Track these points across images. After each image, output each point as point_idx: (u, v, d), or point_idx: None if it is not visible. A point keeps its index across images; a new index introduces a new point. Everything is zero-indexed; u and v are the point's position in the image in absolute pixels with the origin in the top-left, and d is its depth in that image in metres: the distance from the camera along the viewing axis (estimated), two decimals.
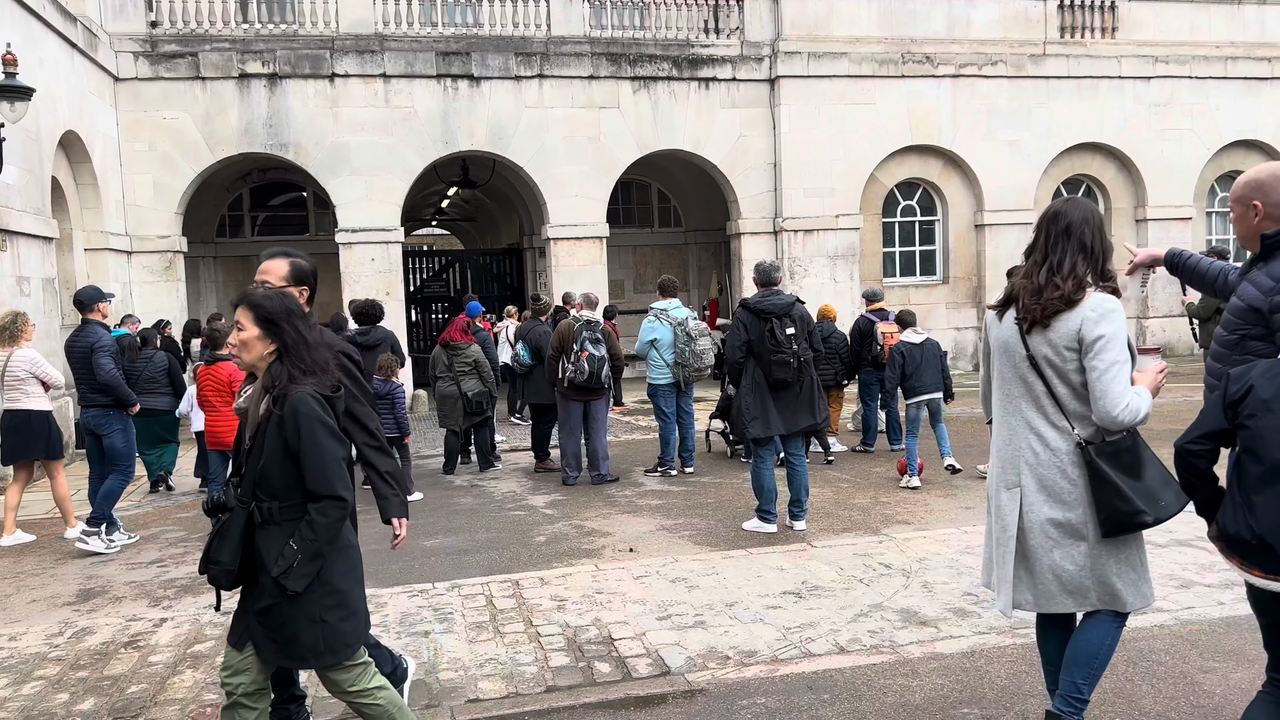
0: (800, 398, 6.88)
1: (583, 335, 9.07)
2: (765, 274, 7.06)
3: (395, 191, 16.18)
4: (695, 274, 21.50)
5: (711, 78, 17.14)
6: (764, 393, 6.83)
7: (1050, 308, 3.16)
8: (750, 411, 6.86)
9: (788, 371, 6.71)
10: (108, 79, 14.77)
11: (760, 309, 6.84)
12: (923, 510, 7.56)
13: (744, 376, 6.91)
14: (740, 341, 6.86)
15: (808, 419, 6.96)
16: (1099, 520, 3.14)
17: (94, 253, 14.12)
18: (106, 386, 7.53)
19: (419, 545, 7.10)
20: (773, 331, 6.73)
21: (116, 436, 7.61)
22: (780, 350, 6.70)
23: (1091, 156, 18.98)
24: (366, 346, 9.86)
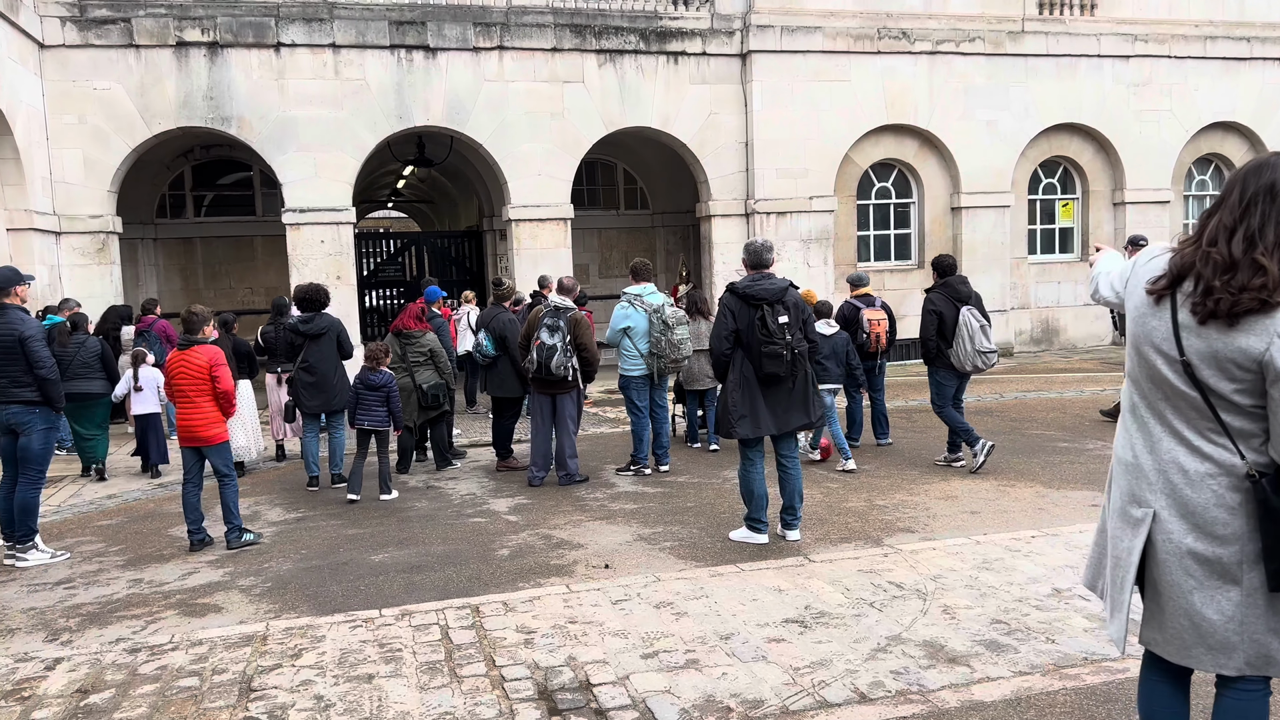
0: (794, 393, 6.19)
1: (542, 322, 8.30)
2: (756, 254, 6.29)
3: (346, 169, 15.23)
4: (663, 258, 20.76)
5: (681, 51, 16.37)
6: (753, 388, 6.11)
7: (1243, 304, 2.36)
8: (737, 409, 6.13)
9: (780, 365, 6.00)
10: (32, 45, 13.66)
11: (749, 294, 6.10)
12: (924, 516, 6.91)
13: (731, 370, 6.19)
14: (727, 331, 6.12)
15: (801, 417, 6.26)
16: (1268, 570, 2.43)
17: (18, 233, 13.06)
18: (44, 381, 6.67)
19: (366, 561, 6.31)
20: (763, 320, 6.01)
21: (37, 437, 6.75)
22: (772, 341, 5.98)
23: (1070, 137, 18.49)
24: (310, 335, 9.06)
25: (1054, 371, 15.84)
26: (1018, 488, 7.71)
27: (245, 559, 6.50)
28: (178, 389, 6.89)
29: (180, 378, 6.89)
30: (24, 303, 6.96)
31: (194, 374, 6.88)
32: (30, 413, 6.71)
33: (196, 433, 6.90)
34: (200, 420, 6.90)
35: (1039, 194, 18.79)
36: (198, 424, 6.90)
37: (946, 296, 8.49)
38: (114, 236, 14.77)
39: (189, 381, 6.88)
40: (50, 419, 6.85)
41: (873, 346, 9.44)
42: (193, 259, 18.69)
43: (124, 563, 6.58)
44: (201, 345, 6.96)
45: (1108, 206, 18.91)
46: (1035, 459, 8.86)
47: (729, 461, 9.33)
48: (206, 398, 6.89)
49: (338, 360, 9.13)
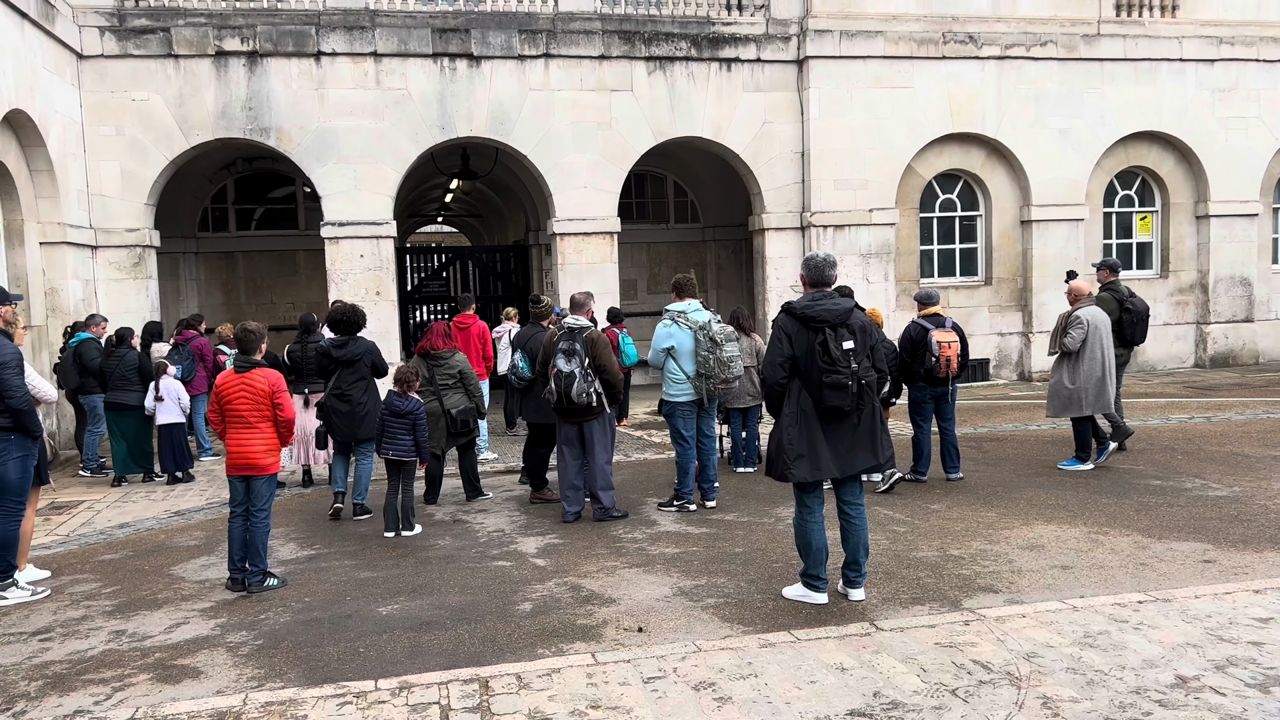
0: (859, 430, 5.36)
1: (557, 347, 7.59)
2: (818, 270, 5.43)
3: (387, 181, 14.74)
4: (715, 273, 19.98)
5: (734, 58, 15.63)
6: (812, 424, 5.28)
7: None
8: (794, 448, 5.28)
9: (844, 397, 5.20)
10: (69, 55, 13.38)
11: (809, 316, 5.28)
12: (1007, 571, 6.04)
13: (786, 403, 5.36)
14: (783, 357, 5.31)
15: (868, 458, 5.42)
16: None
17: (51, 247, 12.74)
18: (17, 413, 6.17)
19: (372, 614, 5.63)
20: (825, 345, 5.20)
21: (13, 465, 6.23)
22: (835, 369, 5.18)
23: (1149, 146, 17.36)
24: (344, 361, 8.47)
25: (1134, 396, 14.73)
26: (1112, 536, 6.79)
27: (240, 608, 5.86)
28: (236, 414, 6.28)
29: (240, 401, 6.28)
30: (7, 325, 6.46)
31: (256, 398, 6.30)
32: (4, 440, 6.20)
33: (255, 460, 6.34)
34: (261, 447, 6.34)
35: (1115, 206, 17.68)
36: (257, 451, 6.33)
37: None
38: (151, 250, 14.43)
39: (249, 406, 6.29)
40: (26, 446, 6.33)
41: (943, 371, 8.57)
42: (234, 273, 18.37)
43: (112, 609, 5.98)
44: (261, 368, 6.38)
45: (1190, 220, 17.73)
46: (1126, 500, 7.91)
47: (780, 496, 8.52)
48: (268, 423, 6.34)
49: (371, 387, 8.62)
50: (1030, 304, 16.78)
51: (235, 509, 6.37)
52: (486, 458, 11.20)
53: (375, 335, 13.35)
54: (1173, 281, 17.76)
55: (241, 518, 6.34)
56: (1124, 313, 9.89)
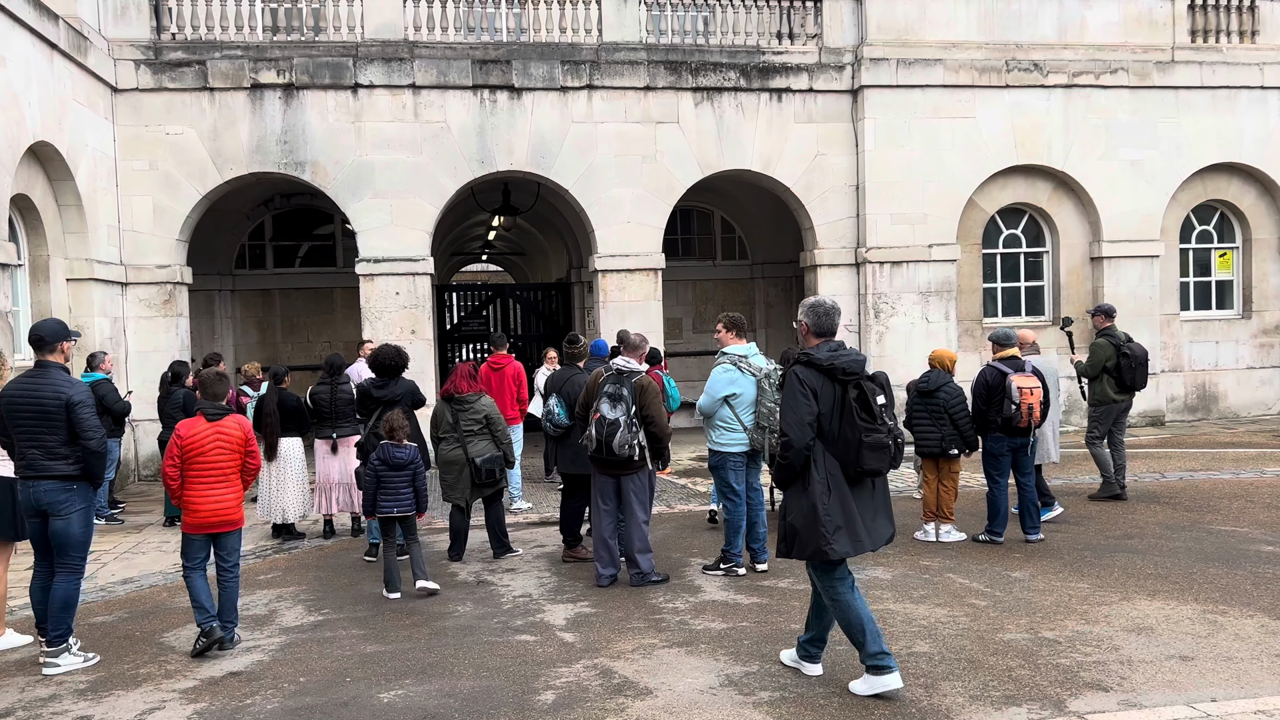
0: (877, 496, 4.85)
1: (602, 390, 6.87)
2: (827, 317, 4.91)
3: (424, 217, 14.23)
4: (763, 311, 19.19)
5: (785, 88, 14.96)
6: (842, 490, 4.69)
7: None
8: (833, 519, 4.64)
9: (884, 459, 4.67)
10: (103, 89, 13.10)
11: (836, 368, 4.70)
12: (1115, 660, 5.12)
13: (814, 468, 4.67)
14: (812, 416, 4.67)
15: (888, 526, 4.91)
16: None
17: (78, 283, 12.35)
18: (91, 454, 5.64)
19: (371, 702, 4.88)
20: (863, 400, 4.67)
21: (76, 519, 5.67)
22: (875, 428, 4.64)
23: (1228, 179, 16.33)
24: (386, 401, 7.96)
25: (1218, 446, 13.62)
26: (1232, 616, 5.84)
27: (225, 689, 5.15)
28: (210, 465, 5.71)
29: (217, 451, 5.72)
30: (67, 360, 5.94)
31: (233, 447, 5.79)
32: (67, 490, 5.63)
33: (229, 515, 5.83)
34: (234, 499, 5.84)
35: (1192, 242, 16.63)
36: (231, 504, 5.83)
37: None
38: (182, 287, 14.04)
39: (226, 457, 5.75)
40: (88, 497, 5.81)
41: (1024, 421, 7.69)
42: (270, 311, 17.99)
43: (86, 686, 5.31)
44: (232, 415, 5.84)
45: (1274, 256, 16.61)
46: (1239, 570, 6.93)
47: None
48: (237, 474, 5.84)
49: (415, 425, 8.00)
50: None
51: (191, 565, 5.82)
52: (520, 508, 10.48)
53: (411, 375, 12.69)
54: (1256, 322, 16.61)
55: (201, 573, 5.83)
56: (1121, 358, 9.61)
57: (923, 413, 8.21)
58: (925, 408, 8.19)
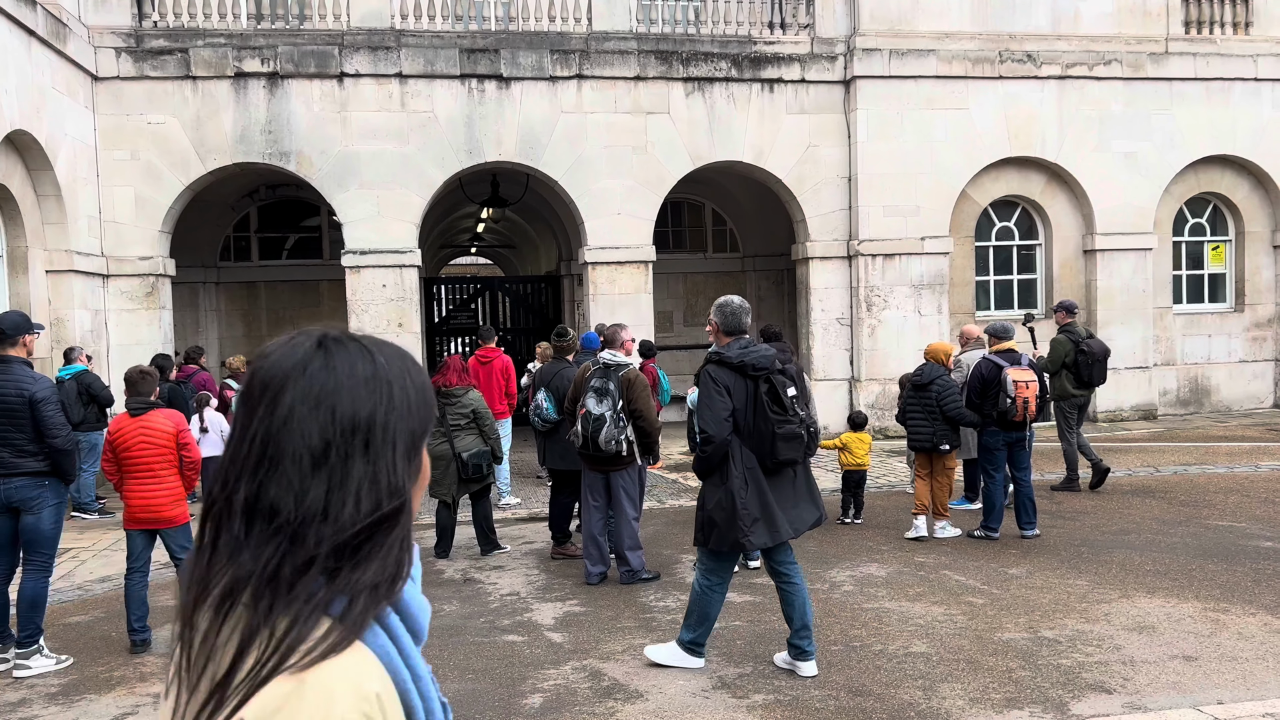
0: (798, 484, 5.02)
1: (589, 385, 6.73)
2: (735, 316, 5.06)
3: (411, 208, 14.03)
4: (755, 305, 18.85)
5: (776, 79, 14.80)
6: (761, 482, 4.85)
7: None
8: (750, 511, 4.78)
9: (798, 448, 4.88)
10: (83, 77, 12.85)
11: (747, 364, 4.89)
12: (1117, 661, 5.00)
13: (731, 463, 4.83)
14: (728, 411, 4.84)
15: (812, 512, 5.04)
16: None
17: (57, 275, 12.10)
18: (58, 452, 5.48)
19: None
20: (774, 394, 4.85)
21: (48, 515, 5.52)
22: (787, 419, 4.83)
23: (1221, 172, 16.24)
24: None
25: (1212, 440, 13.55)
26: (1234, 614, 5.73)
27: None
28: (137, 461, 5.60)
29: (141, 448, 5.58)
30: (30, 354, 5.74)
31: (158, 443, 5.61)
32: (39, 486, 5.48)
33: (160, 512, 5.68)
34: (166, 497, 5.69)
35: (1185, 235, 16.54)
36: (162, 502, 5.66)
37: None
38: (165, 280, 13.81)
39: (152, 452, 5.62)
40: (61, 493, 5.65)
41: (1019, 415, 7.57)
42: (256, 304, 17.75)
43: (59, 689, 5.14)
44: (161, 409, 5.68)
45: (1267, 250, 16.53)
46: (1239, 567, 6.83)
47: (833, 555, 7.54)
48: (171, 471, 5.67)
49: None
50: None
51: (135, 565, 5.70)
52: (508, 503, 10.31)
53: None
54: (1249, 315, 16.55)
55: (141, 574, 5.70)
56: (1079, 354, 9.73)
57: (916, 407, 8.08)
58: (919, 401, 8.06)
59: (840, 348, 15.14)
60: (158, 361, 11.70)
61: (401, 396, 1.09)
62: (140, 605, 5.72)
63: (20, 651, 5.43)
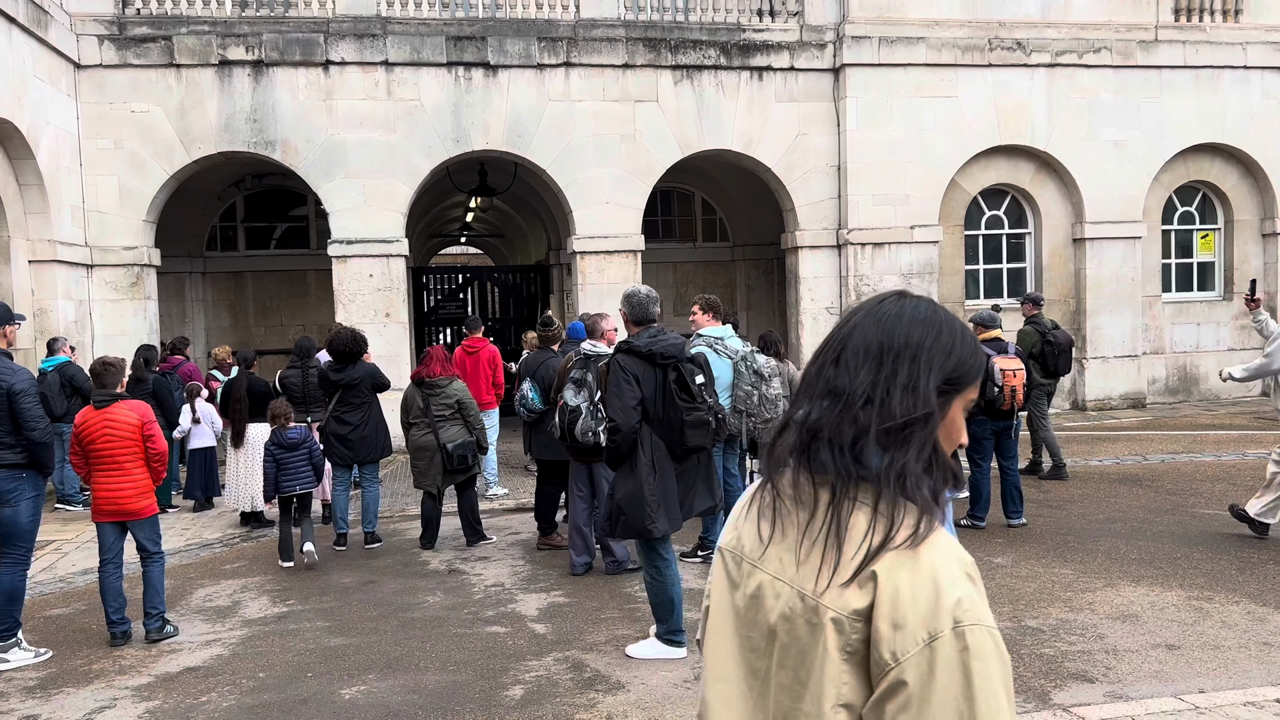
0: (698, 471, 5.13)
1: (568, 376, 6.70)
2: (642, 307, 5.14)
3: (398, 197, 13.94)
4: (745, 294, 19.01)
5: (765, 67, 14.73)
6: (665, 469, 4.95)
7: None
8: (655, 498, 4.87)
9: (706, 435, 4.97)
10: (65, 65, 12.73)
11: (656, 353, 4.95)
12: (1100, 650, 4.99)
13: (640, 450, 4.90)
14: (636, 400, 4.89)
15: (707, 499, 5.19)
16: None
17: (40, 265, 12.02)
18: (35, 445, 5.46)
19: (333, 698, 4.69)
20: (682, 382, 4.94)
21: (26, 507, 5.49)
22: (695, 406, 4.93)
23: (1210, 160, 16.24)
24: (344, 385, 7.97)
25: (1200, 428, 13.57)
26: (1218, 603, 5.72)
27: (180, 688, 4.95)
28: (102, 454, 5.56)
29: (105, 440, 5.53)
30: (10, 346, 5.68)
31: (123, 435, 5.57)
32: (16, 478, 5.45)
33: (125, 505, 5.66)
34: (130, 490, 5.66)
35: (1174, 224, 16.54)
36: (127, 494, 5.63)
37: None
38: (150, 270, 13.71)
39: (117, 445, 5.58)
40: (39, 485, 5.62)
41: (1007, 404, 7.56)
42: (243, 294, 17.64)
43: (37, 683, 5.10)
44: (125, 401, 5.64)
45: (1255, 239, 16.54)
46: (1223, 555, 6.83)
47: None
48: (137, 463, 5.65)
49: (373, 409, 8.20)
50: (1084, 327, 15.65)
51: (106, 557, 5.69)
52: (496, 493, 10.28)
53: (384, 359, 12.56)
54: (1237, 304, 16.54)
55: (114, 566, 5.70)
56: (1045, 344, 9.93)
57: None
58: None
59: None
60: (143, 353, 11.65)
61: (947, 339, 1.39)
62: (117, 597, 5.69)
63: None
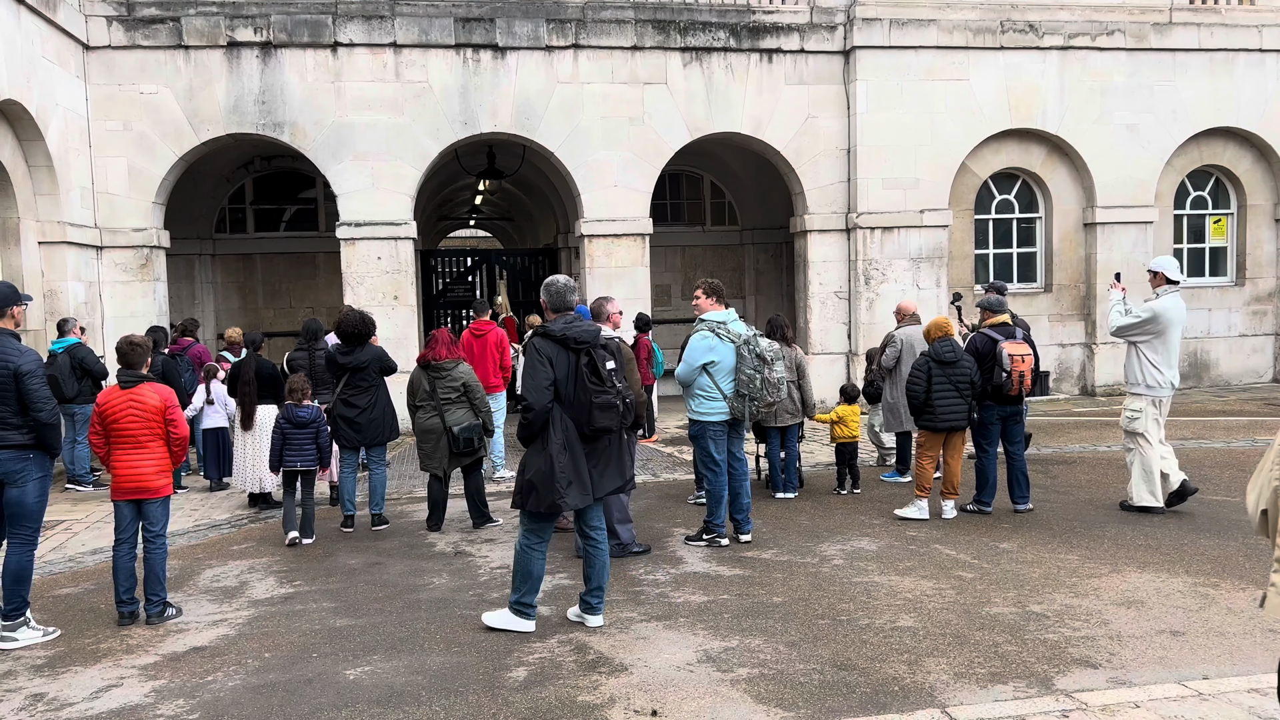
0: (611, 451, 5.36)
1: None
2: (560, 295, 5.36)
3: (406, 179, 13.93)
4: (753, 278, 18.95)
5: (775, 49, 14.63)
6: (576, 448, 5.19)
7: None
8: (565, 474, 5.11)
9: (614, 417, 5.19)
10: (74, 46, 12.73)
11: (570, 337, 5.17)
12: (1104, 636, 4.98)
13: (552, 429, 5.14)
14: (548, 381, 5.12)
15: (617, 479, 5.41)
16: None
17: (50, 246, 12.07)
18: (43, 426, 5.47)
19: (337, 679, 4.72)
20: (593, 366, 5.17)
21: (33, 488, 5.50)
22: (604, 390, 5.16)
23: (1224, 144, 16.09)
24: (351, 368, 7.99)
25: (1210, 414, 13.51)
26: (1224, 590, 5.71)
27: (187, 665, 4.98)
28: (124, 433, 5.62)
29: (129, 420, 5.58)
30: (18, 327, 5.70)
31: (146, 415, 5.62)
32: (23, 459, 5.46)
33: (146, 483, 5.71)
34: (151, 468, 5.72)
35: (1187, 208, 16.42)
36: (148, 472, 5.68)
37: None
38: (160, 251, 13.75)
39: (139, 424, 5.63)
40: (46, 466, 5.62)
41: (1015, 389, 7.52)
42: (252, 276, 17.67)
43: (44, 662, 5.14)
44: (149, 383, 5.68)
45: (1269, 223, 16.41)
46: (1230, 541, 6.81)
47: (826, 529, 7.53)
48: (159, 442, 5.71)
49: (381, 392, 8.22)
50: (1094, 313, 15.57)
51: (121, 536, 5.76)
52: (502, 476, 10.31)
53: (392, 342, 12.60)
54: (1249, 290, 16.46)
55: (129, 545, 5.75)
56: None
57: (945, 385, 7.51)
58: (948, 379, 7.52)
59: (838, 321, 15.08)
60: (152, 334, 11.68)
61: None
62: (128, 577, 5.73)
63: (6, 624, 5.43)
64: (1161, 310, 7.69)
